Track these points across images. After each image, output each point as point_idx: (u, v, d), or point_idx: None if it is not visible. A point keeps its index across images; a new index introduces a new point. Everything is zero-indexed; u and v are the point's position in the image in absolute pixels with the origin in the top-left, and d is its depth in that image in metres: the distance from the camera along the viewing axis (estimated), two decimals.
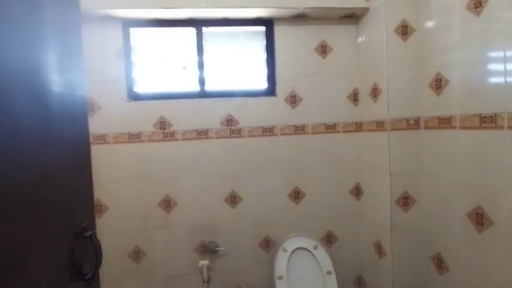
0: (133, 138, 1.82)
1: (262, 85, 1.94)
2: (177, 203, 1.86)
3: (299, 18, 1.88)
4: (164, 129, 1.84)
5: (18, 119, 0.65)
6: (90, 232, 0.88)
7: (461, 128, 1.38)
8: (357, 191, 1.98)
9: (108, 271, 1.76)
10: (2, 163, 0.58)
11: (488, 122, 1.24)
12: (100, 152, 1.78)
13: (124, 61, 1.81)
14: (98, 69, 1.76)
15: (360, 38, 1.92)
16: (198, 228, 1.87)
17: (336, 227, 1.97)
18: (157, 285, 1.85)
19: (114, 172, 1.80)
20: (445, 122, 1.48)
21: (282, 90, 1.91)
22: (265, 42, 1.93)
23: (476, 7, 1.26)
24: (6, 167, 0.59)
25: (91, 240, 0.87)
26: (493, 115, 1.21)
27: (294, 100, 1.92)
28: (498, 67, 1.19)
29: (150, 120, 1.83)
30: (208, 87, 1.90)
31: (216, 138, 1.87)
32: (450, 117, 1.44)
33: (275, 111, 1.90)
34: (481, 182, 1.28)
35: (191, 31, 1.89)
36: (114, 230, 1.80)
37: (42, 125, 0.74)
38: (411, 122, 1.65)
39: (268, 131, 1.91)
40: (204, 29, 1.88)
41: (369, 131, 1.86)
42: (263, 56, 1.94)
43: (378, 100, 1.73)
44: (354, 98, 1.96)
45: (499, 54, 1.18)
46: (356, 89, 1.95)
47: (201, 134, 1.86)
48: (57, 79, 0.82)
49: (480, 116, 1.27)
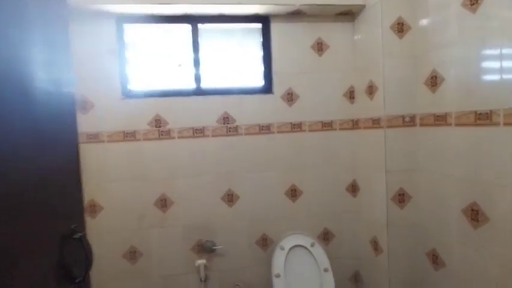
0: (128, 136, 1.79)
1: (259, 82, 1.93)
2: (173, 202, 1.84)
3: (295, 15, 1.87)
4: (160, 127, 1.82)
5: (1, 117, 0.62)
6: (80, 234, 0.86)
7: (456, 125, 1.39)
8: (353, 188, 1.99)
9: (104, 271, 1.74)
10: None
11: (483, 118, 1.25)
12: (94, 151, 1.75)
13: (118, 58, 1.78)
14: (91, 67, 1.72)
15: (356, 36, 1.92)
16: (194, 227, 1.86)
17: (333, 224, 1.98)
18: (154, 285, 1.83)
19: (109, 171, 1.78)
20: (440, 119, 1.49)
21: (278, 87, 1.90)
22: (261, 40, 1.92)
23: (473, 4, 1.26)
24: None
25: (81, 242, 0.85)
26: (489, 112, 1.22)
27: (290, 98, 1.91)
28: (494, 64, 1.20)
29: (145, 118, 1.80)
30: (204, 85, 1.88)
31: (212, 136, 1.86)
32: (445, 114, 1.45)
33: (272, 109, 1.90)
34: (477, 178, 1.29)
35: (186, 28, 1.86)
36: (109, 230, 1.78)
37: (26, 123, 0.70)
38: (407, 119, 1.66)
39: (265, 129, 1.90)
40: (199, 25, 1.86)
41: (365, 128, 1.86)
42: (259, 53, 1.92)
43: (374, 97, 1.73)
44: (350, 95, 1.96)
45: (495, 52, 1.19)
46: (352, 86, 1.95)
47: (197, 132, 1.85)
48: (42, 76, 0.78)
49: (475, 113, 1.28)
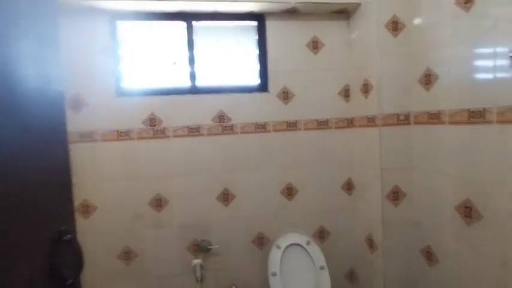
0: (122, 135, 1.77)
1: (254, 81, 1.92)
2: (168, 201, 1.82)
3: (291, 13, 1.87)
4: (154, 126, 1.80)
5: None
6: (70, 236, 0.84)
7: (450, 123, 1.41)
8: (348, 186, 2.00)
9: (98, 272, 1.72)
10: None
11: (476, 116, 1.26)
12: (87, 150, 1.72)
13: (111, 56, 1.75)
14: (85, 64, 1.69)
15: (351, 34, 1.92)
16: (190, 226, 1.84)
17: (328, 222, 1.99)
18: (149, 285, 1.81)
19: (102, 171, 1.75)
20: (434, 117, 1.50)
21: (274, 86, 1.90)
22: (256, 38, 1.91)
23: (466, 3, 1.28)
24: None
25: (71, 244, 0.83)
26: (482, 110, 1.24)
27: (286, 96, 1.91)
28: (487, 63, 1.21)
29: (139, 117, 1.78)
30: (200, 83, 1.87)
31: (208, 135, 1.84)
32: (439, 112, 1.46)
33: (267, 107, 1.89)
34: (470, 176, 1.31)
35: (181, 25, 1.84)
36: (103, 230, 1.75)
37: (12, 121, 0.68)
38: (401, 118, 1.67)
39: (260, 128, 1.89)
40: (194, 23, 1.84)
41: (360, 126, 1.87)
42: (255, 52, 1.92)
43: (369, 96, 1.74)
44: (346, 93, 1.96)
45: (489, 50, 1.20)
46: (347, 84, 1.96)
47: (193, 131, 1.83)
48: (30, 72, 0.76)
49: (469, 111, 1.30)
